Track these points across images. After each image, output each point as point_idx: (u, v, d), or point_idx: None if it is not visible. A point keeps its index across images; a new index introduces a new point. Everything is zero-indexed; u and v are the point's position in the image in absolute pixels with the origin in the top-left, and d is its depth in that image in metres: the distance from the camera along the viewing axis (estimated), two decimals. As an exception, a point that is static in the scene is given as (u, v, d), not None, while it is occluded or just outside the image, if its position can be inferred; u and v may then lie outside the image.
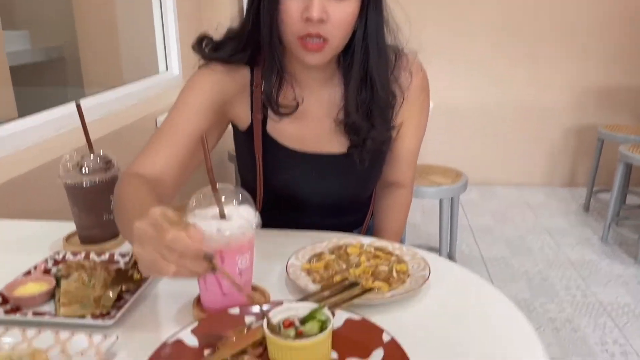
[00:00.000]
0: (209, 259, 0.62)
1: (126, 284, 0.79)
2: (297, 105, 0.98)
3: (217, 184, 0.72)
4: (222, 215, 0.71)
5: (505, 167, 3.77)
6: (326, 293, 0.76)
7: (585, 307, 2.27)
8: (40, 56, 2.65)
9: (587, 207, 3.35)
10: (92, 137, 0.98)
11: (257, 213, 0.74)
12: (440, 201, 2.23)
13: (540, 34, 3.50)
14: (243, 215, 0.72)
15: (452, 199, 2.26)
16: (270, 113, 0.99)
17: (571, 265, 2.64)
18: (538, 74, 3.57)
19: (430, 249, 2.14)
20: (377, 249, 0.91)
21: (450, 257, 2.39)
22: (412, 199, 1.20)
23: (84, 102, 1.92)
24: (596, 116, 3.62)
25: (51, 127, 1.64)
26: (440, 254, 2.14)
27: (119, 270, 0.83)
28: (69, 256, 0.87)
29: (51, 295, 0.77)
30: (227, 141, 1.13)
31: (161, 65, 2.66)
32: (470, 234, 3.01)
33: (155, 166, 0.88)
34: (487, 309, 0.78)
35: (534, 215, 3.28)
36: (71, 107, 1.75)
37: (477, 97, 3.65)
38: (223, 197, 0.72)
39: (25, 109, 1.68)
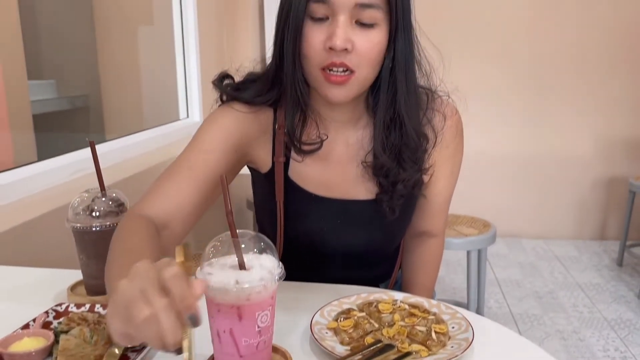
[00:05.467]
0: (192, 320, 0.50)
1: (132, 341, 0.71)
2: (322, 143, 0.91)
3: (237, 230, 0.65)
4: (242, 265, 0.63)
5: (532, 218, 3.64)
6: (358, 357, 0.66)
7: (627, 370, 2.10)
8: (65, 104, 2.70)
9: (620, 262, 3.18)
10: (109, 181, 0.92)
11: (280, 263, 0.66)
12: (468, 253, 2.11)
13: (567, 84, 3.45)
14: (265, 266, 0.65)
15: (479, 250, 2.15)
16: (293, 155, 0.92)
17: (608, 324, 2.48)
18: (565, 124, 3.50)
19: (457, 303, 2.01)
20: (411, 305, 0.81)
21: (479, 313, 2.25)
22: (441, 250, 1.11)
23: (104, 147, 1.89)
24: (626, 167, 3.50)
25: (65, 172, 1.60)
26: (468, 309, 2.01)
27: (125, 325, 0.74)
28: (73, 308, 0.79)
29: (49, 352, 0.69)
30: (247, 187, 1.06)
31: (182, 112, 2.65)
32: (497, 289, 2.87)
33: (165, 208, 0.81)
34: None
35: (564, 270, 3.13)
36: (86, 152, 1.72)
37: (503, 147, 3.57)
38: (243, 245, 0.64)
39: (46, 154, 1.66)
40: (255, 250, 0.66)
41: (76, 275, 0.94)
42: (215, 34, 2.82)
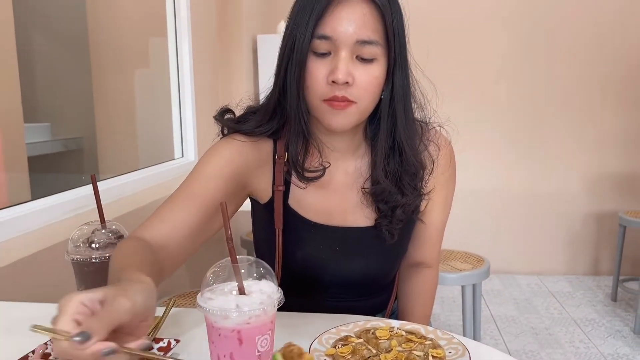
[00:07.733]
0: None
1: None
2: (324, 170, 0.94)
3: (237, 256, 0.66)
4: (242, 290, 0.65)
5: (525, 254, 3.65)
6: (356, 381, 0.67)
7: (627, 406, 2.07)
8: (58, 147, 2.72)
9: (614, 297, 3.19)
10: (105, 218, 0.93)
11: (279, 288, 0.68)
12: (463, 288, 2.12)
13: (556, 120, 3.53)
14: (264, 290, 0.66)
15: (474, 285, 2.15)
16: (293, 183, 0.95)
17: (604, 359, 2.46)
18: (555, 159, 3.56)
19: (454, 340, 1.99)
20: (408, 332, 0.82)
21: (475, 349, 2.23)
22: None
23: (99, 185, 1.90)
24: (616, 202, 3.55)
25: (62, 209, 1.61)
26: (465, 346, 1.99)
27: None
28: (71, 339, 0.79)
29: (48, 382, 0.69)
30: (241, 225, 1.08)
31: (177, 152, 2.68)
32: (493, 325, 2.85)
33: (161, 230, 0.84)
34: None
35: (559, 305, 3.12)
36: (83, 190, 1.73)
37: (493, 183, 3.62)
38: (242, 270, 0.66)
39: (39, 194, 1.67)
40: (254, 275, 0.67)
41: (74, 308, 0.94)
42: (210, 76, 2.88)
